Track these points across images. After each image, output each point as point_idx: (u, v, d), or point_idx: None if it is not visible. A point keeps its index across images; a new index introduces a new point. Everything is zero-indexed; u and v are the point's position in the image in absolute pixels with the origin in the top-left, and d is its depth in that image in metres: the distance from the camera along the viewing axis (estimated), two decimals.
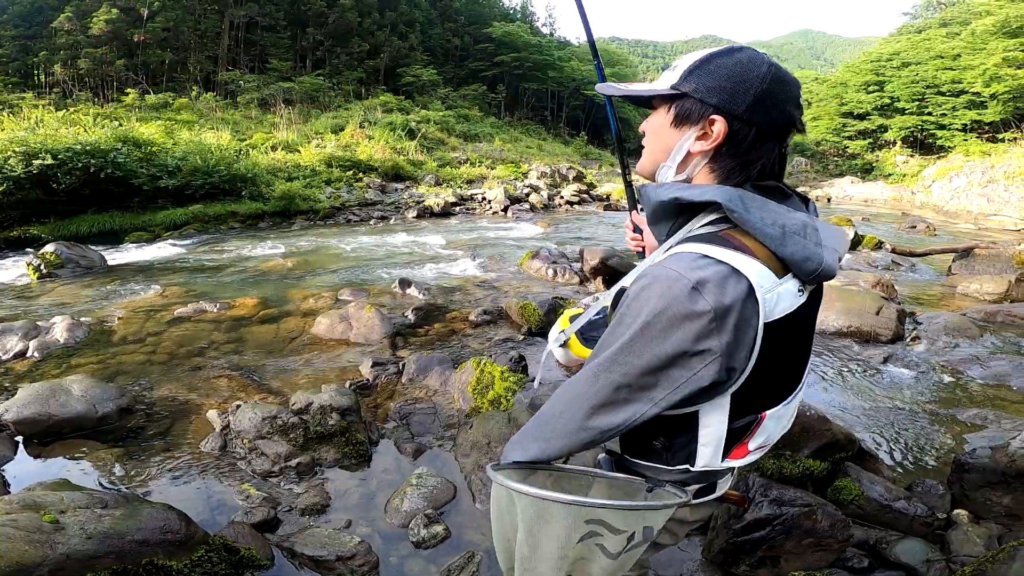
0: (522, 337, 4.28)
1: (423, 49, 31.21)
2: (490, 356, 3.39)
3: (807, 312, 0.85)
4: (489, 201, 15.05)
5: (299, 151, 16.22)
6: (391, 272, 6.96)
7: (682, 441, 0.87)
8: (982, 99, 22.94)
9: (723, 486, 0.99)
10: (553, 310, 4.41)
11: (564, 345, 1.08)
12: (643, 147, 0.94)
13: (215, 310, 5.13)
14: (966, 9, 29.15)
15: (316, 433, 2.70)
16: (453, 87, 31.25)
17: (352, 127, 19.12)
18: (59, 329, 4.46)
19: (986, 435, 3.12)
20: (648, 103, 0.93)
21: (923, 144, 27.52)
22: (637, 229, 1.38)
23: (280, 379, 3.66)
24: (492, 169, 19.19)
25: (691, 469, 0.88)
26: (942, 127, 26.05)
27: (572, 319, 1.10)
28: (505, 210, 14.23)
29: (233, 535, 2.10)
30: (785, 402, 0.90)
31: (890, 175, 25.96)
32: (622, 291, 0.89)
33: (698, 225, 0.84)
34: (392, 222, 12.75)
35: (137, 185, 12.15)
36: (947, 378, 4.00)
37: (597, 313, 1.04)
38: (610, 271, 6.00)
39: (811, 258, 0.79)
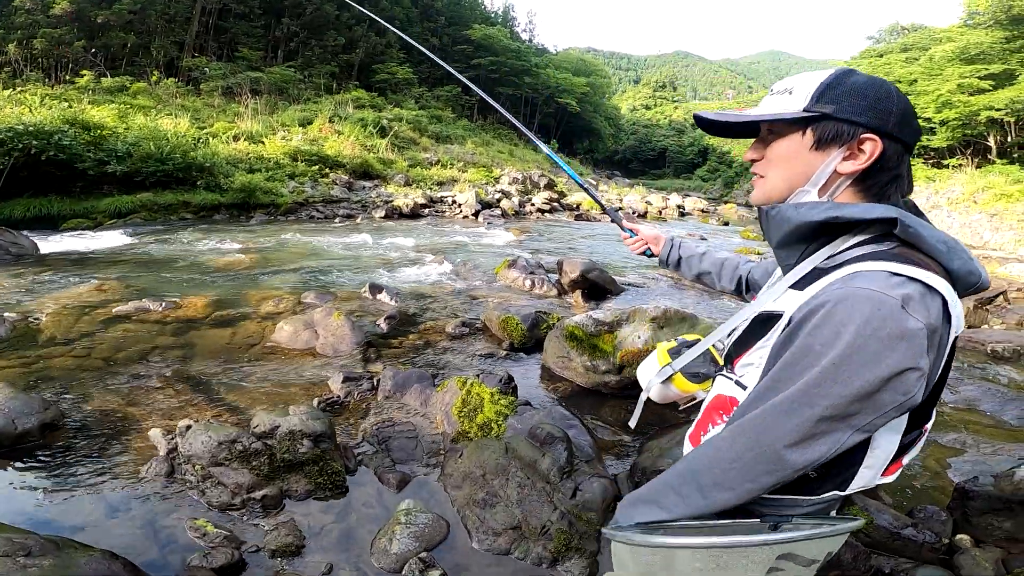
0: (504, 353, 4.02)
1: (400, 47, 30.67)
2: (474, 374, 3.11)
3: None
4: (459, 204, 14.76)
5: (263, 143, 15.51)
6: (359, 275, 6.58)
7: (842, 467, 0.82)
8: (932, 125, 24.14)
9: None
10: (536, 325, 4.18)
11: (668, 380, 1.07)
12: (757, 175, 0.90)
13: (160, 309, 4.65)
14: (928, 35, 30.49)
15: (284, 461, 2.36)
16: (428, 87, 30.79)
17: (321, 121, 18.47)
18: None
19: (968, 459, 3.17)
20: (750, 131, 0.90)
21: None
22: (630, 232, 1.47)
23: (236, 393, 3.28)
24: (463, 172, 18.91)
25: (840, 494, 0.84)
26: None
27: (671, 352, 1.09)
28: (476, 215, 13.96)
29: None
30: (932, 415, 0.89)
31: None
32: (770, 317, 0.83)
33: (848, 245, 0.80)
34: (359, 221, 12.28)
35: (82, 169, 11.28)
36: None
37: (700, 354, 1.03)
38: (590, 284, 5.82)
39: (973, 271, 0.80)
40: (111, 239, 9.01)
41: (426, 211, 14.06)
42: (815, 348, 0.71)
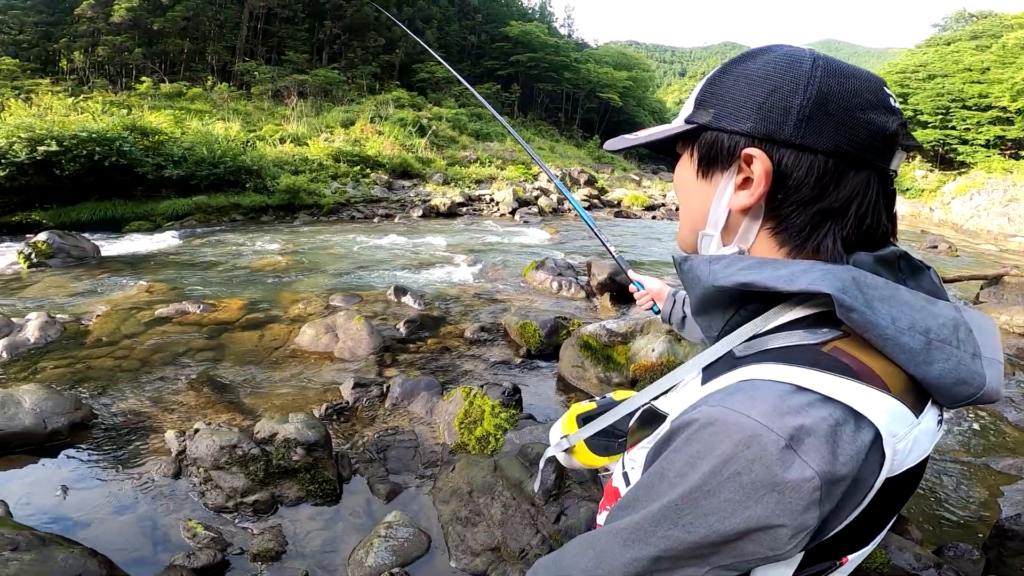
0: (520, 360, 3.97)
1: (439, 46, 31.02)
2: (482, 383, 3.08)
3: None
4: (497, 203, 14.76)
5: (307, 144, 16.04)
6: (388, 276, 6.68)
7: None
8: (1008, 114, 22.35)
9: None
10: (555, 331, 4.10)
11: (568, 451, 0.92)
12: None
13: (198, 312, 4.87)
14: (998, 22, 28.55)
15: (278, 467, 2.42)
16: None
17: (363, 122, 18.92)
18: (32, 328, 4.22)
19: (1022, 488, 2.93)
20: (673, 150, 0.66)
21: (944, 159, 26.90)
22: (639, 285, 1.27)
23: (253, 396, 3.38)
24: (502, 170, 18.92)
25: None
26: (964, 142, 25.44)
27: (580, 419, 0.93)
28: (513, 213, 13.93)
29: None
30: (875, 541, 0.63)
31: (908, 190, 25.35)
32: (654, 415, 0.63)
33: (777, 322, 0.55)
34: (396, 221, 12.49)
35: (142, 174, 11.99)
36: (979, 422, 3.71)
37: (612, 424, 0.80)
38: (618, 288, 5.67)
39: (967, 380, 0.51)
40: (166, 241, 9.54)
41: (463, 209, 14.14)
42: (668, 477, 0.53)
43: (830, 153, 0.52)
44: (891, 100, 0.55)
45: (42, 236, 7.32)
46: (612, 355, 3.28)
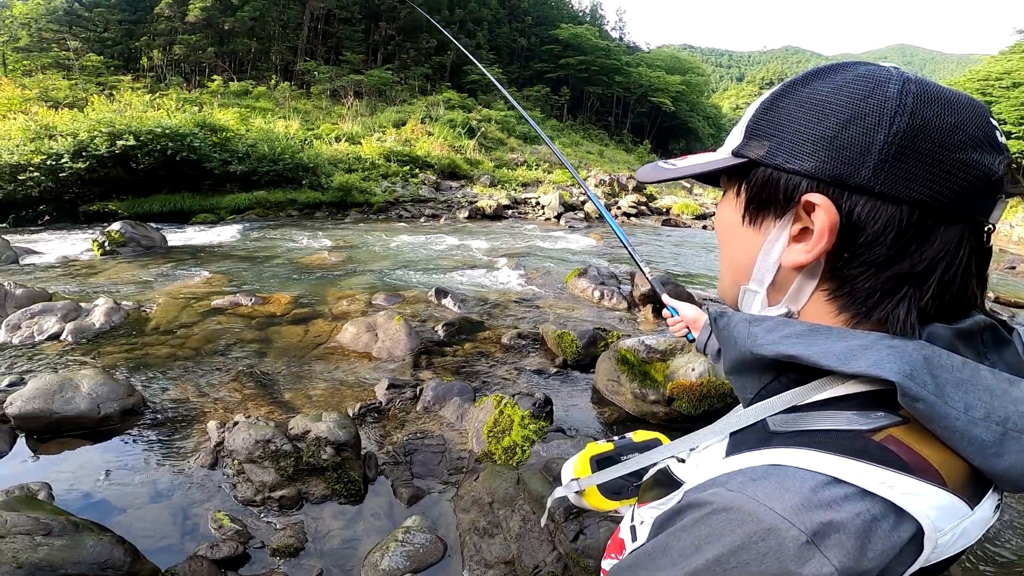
0: (555, 369, 3.91)
1: (489, 48, 31.38)
2: (515, 393, 3.05)
3: None
4: (543, 207, 14.71)
5: (361, 143, 16.50)
6: (431, 277, 6.77)
7: None
8: None
9: None
10: (593, 342, 4.02)
11: (579, 493, 0.89)
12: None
13: (249, 304, 5.07)
14: None
15: (307, 465, 2.47)
16: (517, 87, 31.21)
17: (413, 122, 19.32)
18: (97, 313, 4.50)
19: None
20: (717, 182, 0.58)
21: None
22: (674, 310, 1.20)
23: (293, 390, 3.48)
24: (549, 173, 18.86)
25: None
26: None
27: (595, 461, 0.89)
28: (558, 217, 13.84)
29: (188, 571, 1.90)
30: None
31: None
32: (670, 479, 0.60)
33: (822, 396, 0.47)
34: (442, 221, 12.65)
35: (209, 169, 12.67)
36: None
37: (627, 474, 0.76)
38: (662, 300, 5.51)
39: None
40: (227, 233, 10.04)
41: (508, 212, 14.18)
42: (671, 553, 0.48)
43: (916, 203, 0.43)
44: (997, 135, 0.45)
45: (116, 226, 7.83)
46: (650, 372, 3.18)
